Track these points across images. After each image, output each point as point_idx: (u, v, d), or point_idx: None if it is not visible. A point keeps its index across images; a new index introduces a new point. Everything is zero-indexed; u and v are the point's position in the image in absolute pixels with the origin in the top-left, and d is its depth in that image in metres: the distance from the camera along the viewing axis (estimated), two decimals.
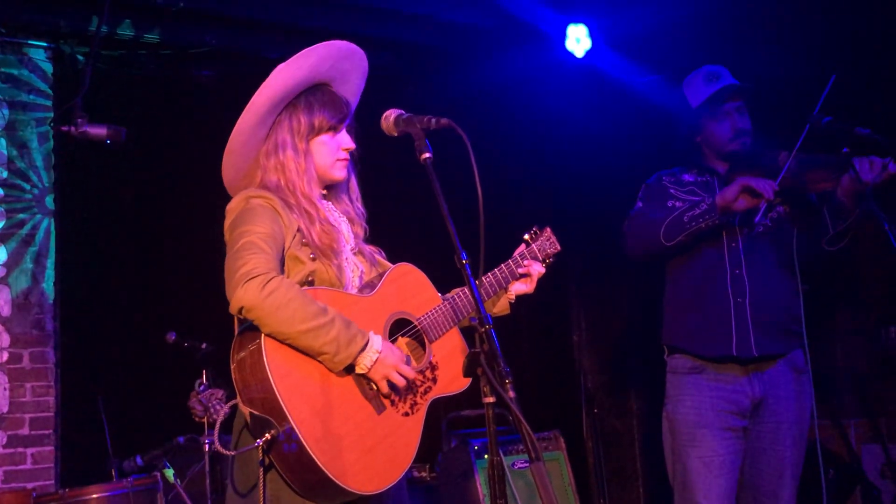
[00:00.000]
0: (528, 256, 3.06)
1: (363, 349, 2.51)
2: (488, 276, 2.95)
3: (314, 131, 2.74)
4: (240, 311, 2.46)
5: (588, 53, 5.84)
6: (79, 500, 4.20)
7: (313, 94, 2.77)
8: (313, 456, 2.41)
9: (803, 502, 3.84)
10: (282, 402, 2.41)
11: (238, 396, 2.51)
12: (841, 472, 5.00)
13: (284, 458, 2.45)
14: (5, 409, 4.95)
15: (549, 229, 3.14)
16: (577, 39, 5.82)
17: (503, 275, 2.98)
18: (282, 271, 2.61)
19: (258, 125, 2.73)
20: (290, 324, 2.44)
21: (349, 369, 2.54)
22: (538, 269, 3.04)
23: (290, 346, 2.48)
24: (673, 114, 4.03)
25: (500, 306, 3.06)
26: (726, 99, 3.86)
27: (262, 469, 2.48)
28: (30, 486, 4.79)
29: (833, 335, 5.45)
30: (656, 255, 3.82)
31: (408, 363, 2.63)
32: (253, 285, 2.43)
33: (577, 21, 5.81)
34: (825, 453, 3.97)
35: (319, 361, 2.51)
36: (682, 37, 5.36)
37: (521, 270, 3.02)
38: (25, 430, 4.98)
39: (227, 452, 2.57)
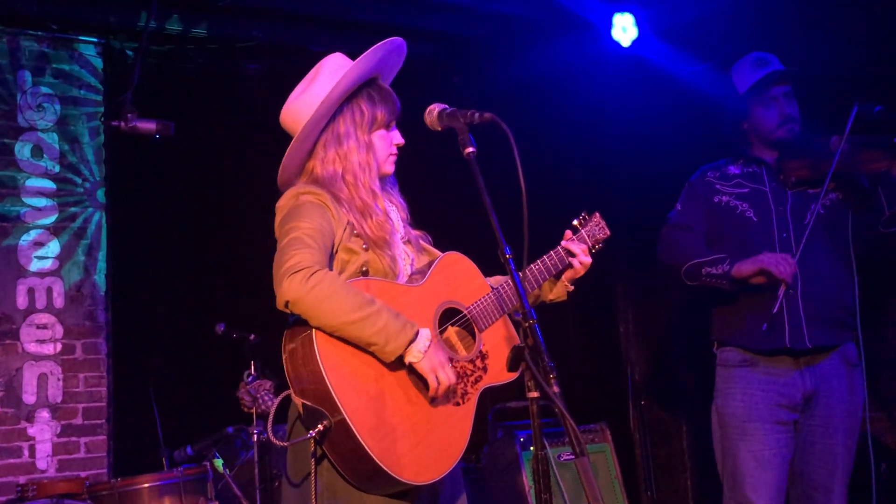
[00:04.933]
0: (577, 241, 3.02)
1: (413, 339, 2.51)
2: (537, 264, 2.93)
3: (376, 124, 2.76)
4: (286, 305, 2.47)
5: (634, 43, 5.79)
6: (130, 488, 4.27)
7: (371, 88, 2.78)
8: (366, 447, 2.41)
9: (854, 496, 3.79)
10: (334, 393, 2.42)
11: (290, 387, 2.53)
12: (893, 466, 4.91)
13: (337, 448, 2.46)
14: (59, 400, 5.05)
15: (598, 214, 3.12)
16: (624, 28, 5.76)
17: (552, 262, 2.95)
18: (331, 265, 2.62)
19: (324, 117, 2.73)
20: (336, 315, 2.44)
21: (400, 360, 2.54)
22: (585, 254, 2.99)
23: (340, 338, 2.49)
24: (720, 101, 3.99)
25: (556, 293, 3.02)
26: (773, 84, 3.81)
27: (314, 460, 2.50)
28: (83, 474, 4.88)
29: (886, 325, 5.36)
30: (680, 281, 3.82)
31: (451, 362, 2.61)
32: (297, 279, 2.43)
33: (623, 10, 5.76)
34: (878, 447, 3.92)
35: (370, 353, 2.51)
36: (729, 25, 5.29)
37: (569, 259, 2.98)
38: (79, 420, 5.07)
39: (280, 443, 2.56)
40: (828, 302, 3.71)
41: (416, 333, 2.52)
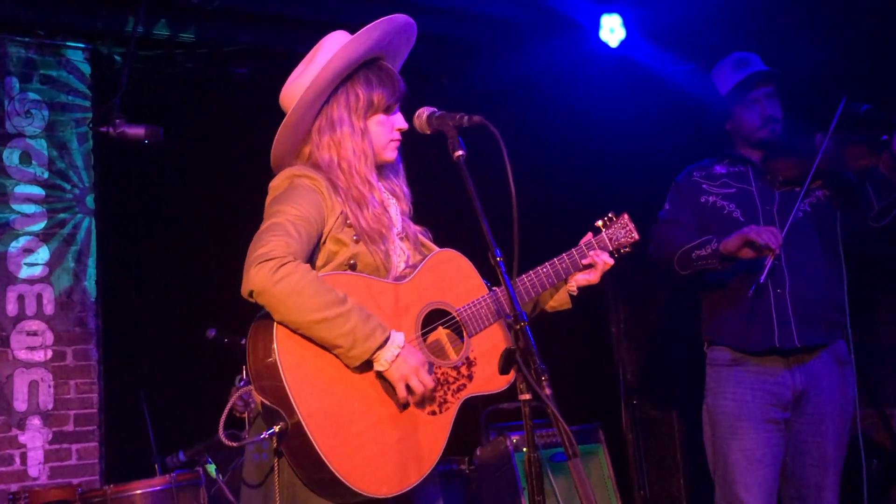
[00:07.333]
0: (596, 246, 2.91)
1: (382, 345, 2.36)
2: (545, 267, 2.82)
3: (372, 109, 2.62)
4: (250, 294, 2.32)
5: (622, 44, 5.80)
6: (123, 495, 4.25)
7: (370, 70, 2.65)
8: (321, 452, 2.27)
9: (845, 493, 3.80)
10: (290, 395, 2.27)
11: (252, 384, 2.38)
12: (884, 463, 4.93)
13: (294, 452, 2.32)
14: (50, 406, 5.03)
15: (626, 216, 3.01)
16: (612, 29, 5.78)
17: (563, 265, 2.84)
18: (317, 256, 2.50)
19: (316, 100, 2.59)
20: (302, 312, 2.29)
21: (366, 366, 2.39)
22: (605, 260, 2.89)
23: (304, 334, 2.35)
24: (704, 102, 3.99)
25: (560, 299, 2.93)
26: (755, 85, 3.81)
27: (277, 458, 2.36)
28: (75, 481, 4.87)
29: (876, 321, 5.37)
30: (673, 274, 3.80)
31: (430, 371, 2.46)
32: (265, 268, 2.28)
33: (611, 11, 5.77)
34: (868, 443, 3.93)
35: (335, 355, 2.37)
36: (716, 25, 5.30)
37: (585, 261, 2.88)
38: (70, 427, 5.05)
39: (230, 443, 2.38)
40: (817, 301, 3.71)
41: (387, 339, 2.37)
